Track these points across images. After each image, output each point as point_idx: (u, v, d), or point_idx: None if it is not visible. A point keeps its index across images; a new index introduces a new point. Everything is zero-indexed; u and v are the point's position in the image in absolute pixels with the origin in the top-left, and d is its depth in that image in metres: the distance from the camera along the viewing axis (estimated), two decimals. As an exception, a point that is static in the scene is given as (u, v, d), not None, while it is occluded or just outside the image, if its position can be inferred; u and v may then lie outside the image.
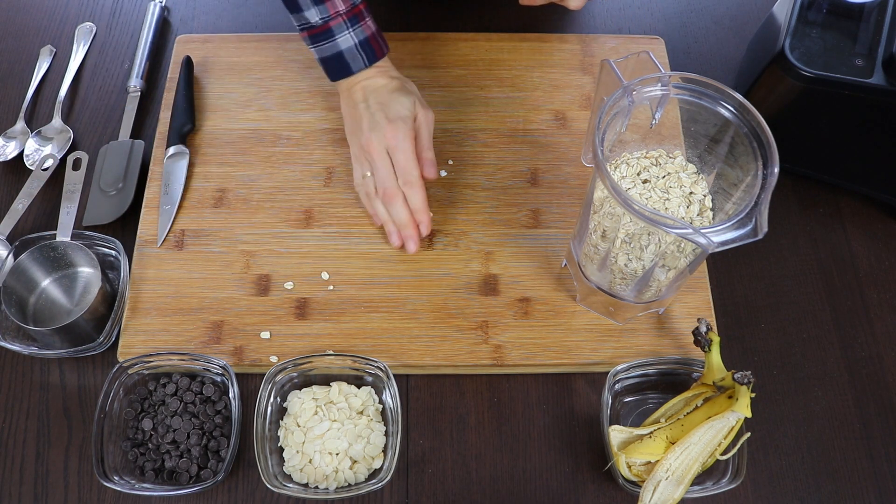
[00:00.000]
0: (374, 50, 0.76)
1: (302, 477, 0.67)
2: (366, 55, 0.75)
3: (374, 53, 0.76)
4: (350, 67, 0.75)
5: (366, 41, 0.75)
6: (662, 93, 0.63)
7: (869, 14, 0.77)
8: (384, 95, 0.75)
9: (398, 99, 0.75)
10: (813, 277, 0.80)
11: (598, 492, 0.69)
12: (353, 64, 0.75)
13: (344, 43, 0.74)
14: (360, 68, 0.75)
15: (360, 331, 0.74)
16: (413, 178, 0.74)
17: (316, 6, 0.73)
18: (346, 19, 0.74)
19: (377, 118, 0.74)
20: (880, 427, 0.72)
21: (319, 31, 0.74)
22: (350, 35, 0.74)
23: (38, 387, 0.73)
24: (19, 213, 0.78)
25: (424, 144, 0.76)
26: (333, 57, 0.75)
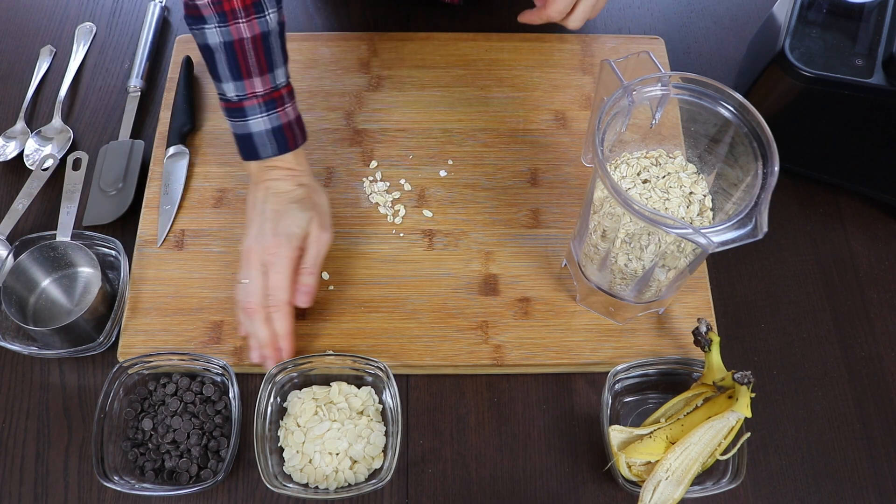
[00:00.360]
0: (286, 140, 0.71)
1: (302, 477, 0.67)
2: (277, 143, 0.71)
3: (286, 144, 0.71)
4: (258, 152, 0.71)
5: (279, 129, 0.70)
6: (662, 93, 0.63)
7: (869, 14, 0.77)
8: (281, 204, 0.71)
9: (293, 213, 0.70)
10: (813, 277, 0.80)
11: (598, 492, 0.69)
12: (261, 150, 0.71)
13: (255, 126, 0.70)
14: (268, 155, 0.71)
15: (360, 331, 0.74)
16: (280, 301, 0.69)
17: (234, 82, 0.68)
18: (261, 102, 0.69)
19: (265, 228, 0.70)
20: (880, 427, 0.72)
21: (234, 108, 0.70)
22: (263, 119, 0.70)
23: (38, 387, 0.73)
24: (19, 213, 0.78)
25: (306, 268, 0.71)
26: (244, 137, 0.71)
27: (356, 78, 0.89)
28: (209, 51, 0.68)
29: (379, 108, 0.87)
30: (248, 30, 0.66)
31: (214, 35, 0.66)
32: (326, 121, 0.86)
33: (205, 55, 0.69)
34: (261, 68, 0.68)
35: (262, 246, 0.69)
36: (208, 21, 0.66)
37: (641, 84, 0.62)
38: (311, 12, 0.98)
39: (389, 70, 0.90)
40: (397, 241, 0.79)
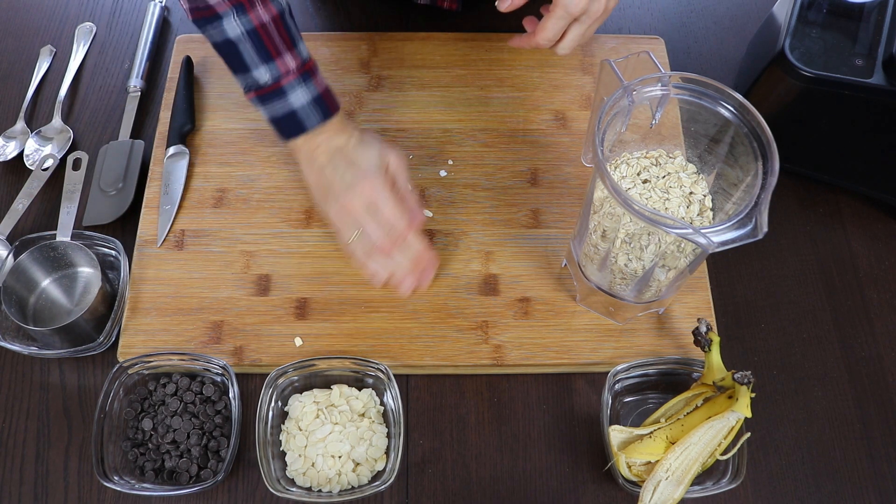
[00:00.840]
0: (327, 106, 0.72)
1: (305, 481, 0.67)
2: (321, 111, 0.71)
3: (329, 109, 0.72)
4: (304, 125, 0.71)
5: (319, 98, 0.71)
6: (662, 93, 0.63)
7: (869, 14, 0.77)
8: (348, 152, 0.72)
9: (364, 152, 0.72)
10: (813, 277, 0.80)
11: (598, 492, 0.69)
12: (307, 122, 0.71)
13: (297, 101, 0.70)
14: (313, 125, 0.71)
15: (360, 331, 0.74)
16: (403, 228, 0.71)
17: (265, 64, 0.69)
18: (298, 76, 0.70)
19: (348, 177, 0.71)
20: (880, 427, 0.72)
21: (270, 91, 0.70)
22: (302, 92, 0.70)
23: (38, 387, 0.73)
24: (19, 213, 0.78)
25: (404, 189, 0.73)
26: (286, 116, 0.71)
27: (356, 78, 0.89)
28: (231, 45, 0.68)
29: (379, 108, 0.87)
30: (266, 13, 0.68)
31: (235, 27, 0.68)
32: (326, 121, 0.86)
33: (225, 51, 0.69)
34: (287, 46, 0.70)
35: (358, 192, 0.71)
36: (224, 16, 0.67)
37: (641, 84, 0.62)
38: (311, 12, 0.98)
39: (389, 70, 0.90)
40: (397, 241, 0.79)
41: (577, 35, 0.71)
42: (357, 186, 0.71)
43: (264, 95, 0.71)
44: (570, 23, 0.70)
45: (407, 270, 0.73)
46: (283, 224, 0.79)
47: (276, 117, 0.72)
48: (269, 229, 0.79)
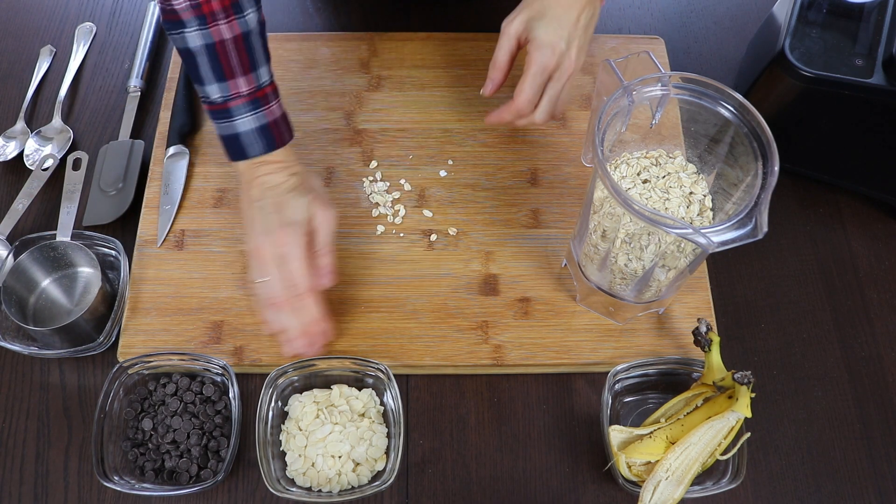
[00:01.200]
0: (273, 138, 0.70)
1: (305, 481, 0.67)
2: (265, 142, 0.70)
3: (273, 142, 0.70)
4: (246, 152, 0.70)
5: (265, 127, 0.70)
6: (662, 93, 0.63)
7: (869, 14, 0.77)
8: (280, 195, 0.70)
9: (293, 201, 0.69)
10: (813, 277, 0.80)
11: (598, 492, 0.69)
12: (248, 149, 0.70)
13: (242, 126, 0.69)
14: (255, 154, 0.70)
15: (360, 331, 0.74)
16: (304, 288, 0.69)
17: (217, 83, 0.68)
18: (246, 101, 0.68)
19: (270, 221, 0.69)
20: (880, 427, 0.72)
21: (219, 109, 0.69)
22: (250, 119, 0.69)
23: (38, 387, 0.73)
24: (19, 213, 0.78)
25: (321, 249, 0.70)
26: (231, 137, 0.70)
27: (356, 78, 0.89)
28: (190, 54, 0.67)
29: (379, 108, 0.87)
30: (228, 31, 0.66)
31: (195, 38, 0.66)
32: (326, 121, 0.86)
33: (185, 59, 0.68)
34: (244, 68, 0.68)
35: (271, 240, 0.69)
36: (188, 25, 0.66)
37: (641, 84, 0.62)
38: (311, 12, 0.98)
39: (389, 70, 0.90)
40: (397, 241, 0.79)
41: (553, 94, 0.72)
42: (273, 234, 0.69)
43: (214, 112, 0.70)
44: (546, 82, 0.71)
45: (297, 332, 0.70)
46: (283, 224, 0.79)
47: (222, 135, 0.71)
48: (269, 229, 0.79)
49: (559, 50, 0.70)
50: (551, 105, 0.73)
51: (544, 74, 0.71)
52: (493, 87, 0.75)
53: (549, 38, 0.70)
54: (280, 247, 0.69)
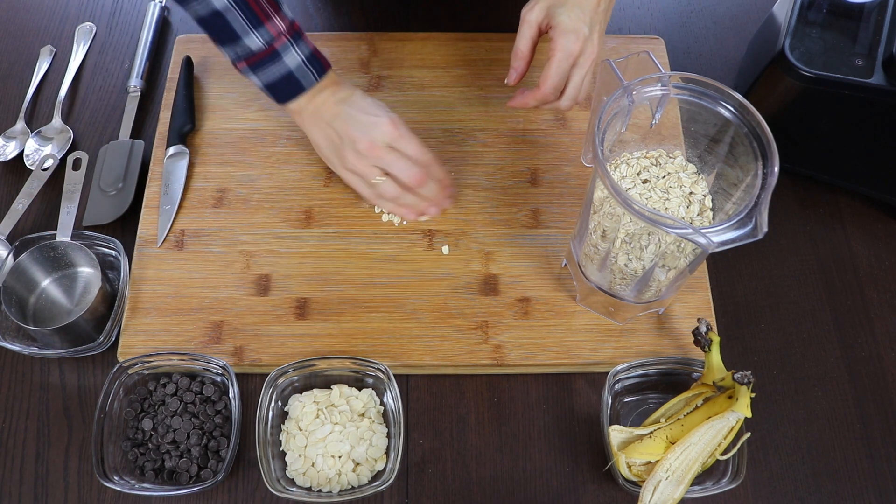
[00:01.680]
0: (320, 63, 0.73)
1: (305, 481, 0.67)
2: (315, 69, 0.72)
3: (322, 66, 0.73)
4: (302, 85, 0.72)
5: (312, 56, 0.72)
6: (662, 93, 0.63)
7: (869, 14, 0.77)
8: (356, 101, 0.74)
9: (371, 100, 0.74)
10: (813, 277, 0.80)
11: (598, 492, 0.69)
12: (304, 81, 0.72)
13: (292, 61, 0.71)
14: (311, 84, 0.73)
15: (360, 331, 0.74)
16: (428, 157, 0.74)
17: (256, 30, 0.69)
18: (289, 37, 0.70)
19: (364, 120, 0.72)
20: (880, 427, 0.72)
21: (264, 56, 0.70)
22: (296, 52, 0.71)
23: (38, 387, 0.73)
24: (19, 213, 0.78)
25: None
26: (283, 78, 0.72)
27: (356, 78, 0.89)
28: (218, 16, 0.68)
29: (379, 108, 0.87)
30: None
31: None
32: (326, 121, 0.86)
33: (211, 23, 0.69)
34: (273, 8, 0.70)
35: (381, 131, 0.72)
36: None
37: (641, 84, 0.62)
38: (311, 12, 0.98)
39: (389, 70, 0.90)
40: (397, 241, 0.79)
41: (578, 80, 0.72)
42: (379, 125, 0.72)
43: (257, 62, 0.71)
44: (571, 68, 0.71)
45: (436, 194, 0.76)
46: (283, 224, 0.79)
47: (271, 82, 0.72)
48: (269, 229, 0.79)
49: (583, 35, 0.70)
50: (576, 91, 0.73)
51: (569, 60, 0.71)
52: (517, 76, 0.76)
53: (573, 24, 0.70)
54: (391, 133, 0.72)
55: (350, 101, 0.74)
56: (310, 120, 0.75)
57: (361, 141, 0.72)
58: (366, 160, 0.73)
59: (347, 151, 0.74)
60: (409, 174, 0.73)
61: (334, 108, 0.74)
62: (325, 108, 0.74)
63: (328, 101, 0.74)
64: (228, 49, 0.71)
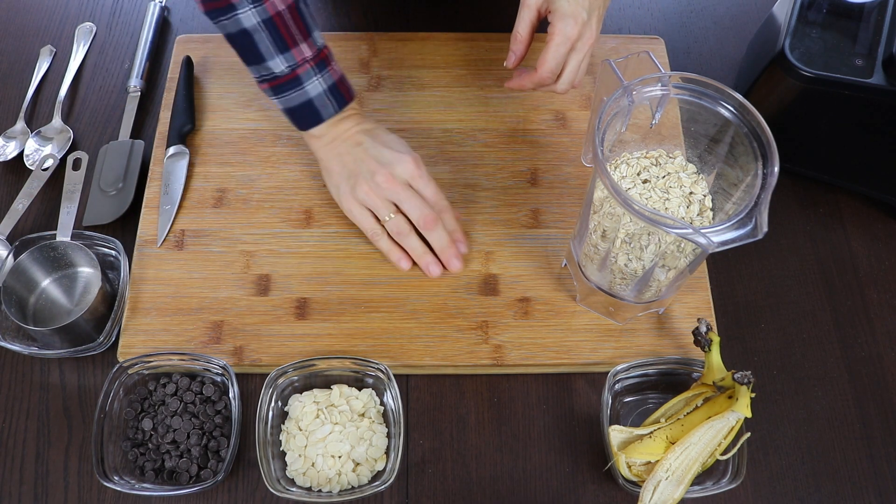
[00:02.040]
0: (342, 94, 0.73)
1: (305, 481, 0.67)
2: (335, 100, 0.73)
3: (343, 98, 0.73)
4: (321, 115, 0.73)
5: (334, 86, 0.72)
6: (662, 93, 0.63)
7: (869, 14, 0.77)
8: (380, 135, 0.74)
9: (395, 137, 0.74)
10: (813, 277, 0.80)
11: (598, 492, 0.69)
12: (323, 111, 0.72)
13: (313, 90, 0.71)
14: (329, 115, 0.73)
15: (360, 331, 0.74)
16: (445, 203, 0.74)
17: (281, 55, 0.69)
18: (313, 65, 0.71)
19: (389, 154, 0.72)
20: (880, 427, 0.72)
21: (285, 81, 0.71)
22: (318, 81, 0.71)
23: (38, 387, 0.73)
24: (19, 213, 0.78)
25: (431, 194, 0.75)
26: (302, 105, 0.72)
27: (356, 78, 0.89)
28: (246, 35, 0.68)
29: (379, 108, 0.87)
30: (281, 2, 0.68)
31: (250, 17, 0.67)
32: (326, 121, 0.86)
33: (240, 41, 0.69)
34: (302, 35, 0.70)
35: (402, 168, 0.72)
36: (239, 6, 0.67)
37: (641, 84, 0.62)
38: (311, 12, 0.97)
39: (389, 70, 0.90)
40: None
41: (575, 65, 0.72)
42: (402, 161, 0.72)
43: (279, 86, 0.71)
44: (569, 52, 0.71)
45: (445, 244, 0.74)
46: (283, 224, 0.79)
47: (291, 107, 0.72)
48: (269, 229, 0.79)
49: (581, 19, 0.70)
50: (573, 75, 0.73)
51: (567, 44, 0.71)
52: (516, 59, 0.75)
53: (572, 9, 0.70)
54: (412, 171, 0.72)
55: (374, 134, 0.74)
56: (328, 146, 0.75)
57: (380, 173, 0.72)
58: (381, 193, 0.73)
59: (362, 181, 0.73)
60: (422, 214, 0.73)
61: (356, 136, 0.74)
62: (346, 135, 0.74)
63: (351, 130, 0.74)
64: (253, 69, 0.71)
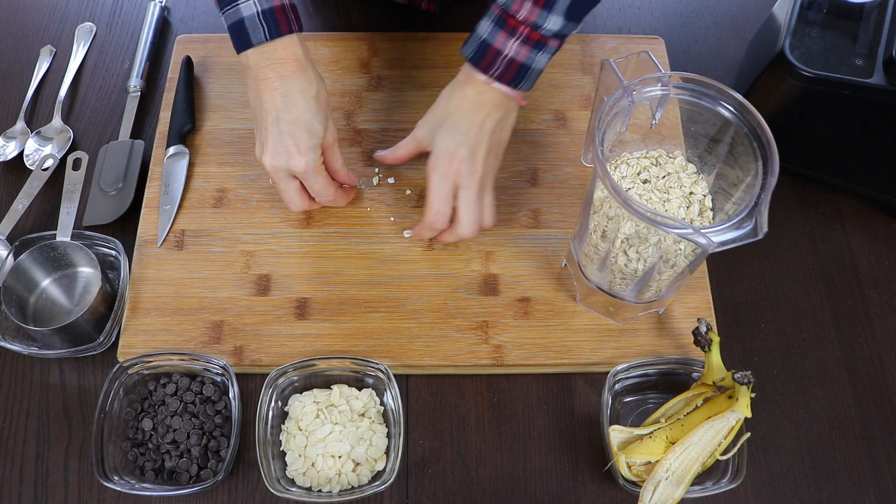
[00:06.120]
0: (278, 22, 0.67)
1: (305, 481, 0.67)
2: (267, 27, 0.67)
3: (279, 27, 0.67)
4: (250, 38, 0.67)
5: (270, 11, 0.67)
6: (662, 93, 0.63)
7: (869, 14, 0.77)
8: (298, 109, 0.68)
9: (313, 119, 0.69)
10: (813, 277, 0.80)
11: (598, 492, 0.69)
12: (252, 34, 0.67)
13: (246, 10, 0.67)
14: (259, 40, 0.67)
15: (360, 331, 0.74)
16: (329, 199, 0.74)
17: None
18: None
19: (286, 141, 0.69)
20: (880, 427, 0.72)
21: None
22: (253, 2, 0.67)
23: (38, 387, 0.73)
24: (19, 213, 0.78)
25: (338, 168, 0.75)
26: (236, 24, 0.68)
27: (356, 78, 0.89)
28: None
29: (379, 108, 0.87)
30: None
31: None
32: (326, 121, 0.86)
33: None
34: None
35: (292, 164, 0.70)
36: None
37: (641, 84, 0.62)
38: (311, 12, 0.98)
39: (389, 70, 0.90)
40: (397, 241, 0.79)
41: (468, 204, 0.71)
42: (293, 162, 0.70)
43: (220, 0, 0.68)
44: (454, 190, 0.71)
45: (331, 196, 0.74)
46: (283, 224, 0.79)
47: (230, 24, 0.69)
48: (269, 229, 0.79)
49: (458, 156, 0.69)
50: (471, 214, 0.72)
51: (446, 183, 0.70)
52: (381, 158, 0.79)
53: (447, 146, 0.70)
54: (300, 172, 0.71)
55: (289, 104, 0.68)
56: (252, 79, 0.70)
57: (268, 155, 0.70)
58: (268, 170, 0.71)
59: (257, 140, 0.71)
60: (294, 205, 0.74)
61: (278, 94, 0.68)
62: (267, 82, 0.68)
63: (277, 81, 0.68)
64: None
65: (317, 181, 0.72)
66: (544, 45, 0.69)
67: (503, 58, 0.68)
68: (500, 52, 0.68)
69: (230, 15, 0.68)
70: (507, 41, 0.68)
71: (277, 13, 0.68)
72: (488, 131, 0.70)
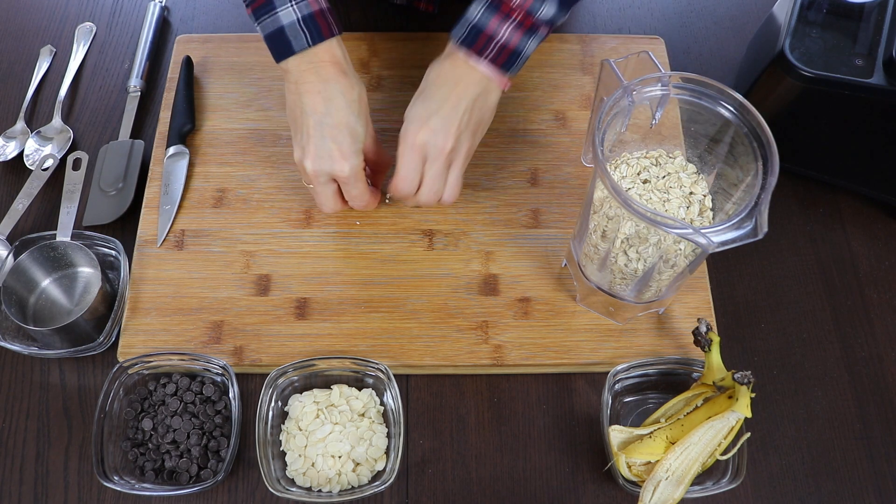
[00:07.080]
0: (319, 27, 0.68)
1: (305, 481, 0.67)
2: (309, 33, 0.67)
3: (320, 31, 0.68)
4: (292, 45, 0.67)
5: (310, 17, 0.67)
6: (662, 93, 0.63)
7: (869, 14, 0.77)
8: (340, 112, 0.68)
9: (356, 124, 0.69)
10: (813, 277, 0.80)
11: (598, 492, 0.69)
12: (294, 42, 0.67)
13: (286, 17, 0.67)
14: (302, 47, 0.67)
15: (360, 331, 0.74)
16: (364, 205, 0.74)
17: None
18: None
19: (327, 146, 0.68)
20: (880, 427, 0.72)
21: (262, 3, 0.67)
22: (293, 9, 0.67)
23: (38, 387, 0.73)
24: (19, 213, 0.78)
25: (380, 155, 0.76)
26: (275, 33, 0.68)
27: (356, 78, 0.89)
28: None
29: (379, 108, 0.87)
30: None
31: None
32: (326, 121, 0.86)
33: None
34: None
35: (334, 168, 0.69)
36: None
37: (641, 84, 0.62)
38: None
39: (389, 70, 0.90)
40: (397, 240, 0.79)
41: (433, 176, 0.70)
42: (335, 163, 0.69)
43: (257, 8, 0.68)
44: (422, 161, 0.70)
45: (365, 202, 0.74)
46: (283, 224, 0.79)
47: (267, 34, 0.69)
48: (269, 229, 0.79)
49: (429, 126, 0.69)
50: (433, 185, 0.71)
51: (414, 152, 0.69)
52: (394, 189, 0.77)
53: (418, 114, 0.70)
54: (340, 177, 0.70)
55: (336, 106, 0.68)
56: (292, 85, 0.69)
57: (310, 159, 0.69)
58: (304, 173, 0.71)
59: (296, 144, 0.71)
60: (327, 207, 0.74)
61: (319, 97, 0.68)
62: (305, 88, 0.68)
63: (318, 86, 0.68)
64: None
65: (356, 186, 0.72)
66: (536, 31, 0.69)
67: (496, 42, 0.69)
68: (493, 37, 0.68)
69: (268, 24, 0.68)
70: (500, 26, 0.68)
71: (318, 18, 0.68)
72: (463, 108, 0.70)
